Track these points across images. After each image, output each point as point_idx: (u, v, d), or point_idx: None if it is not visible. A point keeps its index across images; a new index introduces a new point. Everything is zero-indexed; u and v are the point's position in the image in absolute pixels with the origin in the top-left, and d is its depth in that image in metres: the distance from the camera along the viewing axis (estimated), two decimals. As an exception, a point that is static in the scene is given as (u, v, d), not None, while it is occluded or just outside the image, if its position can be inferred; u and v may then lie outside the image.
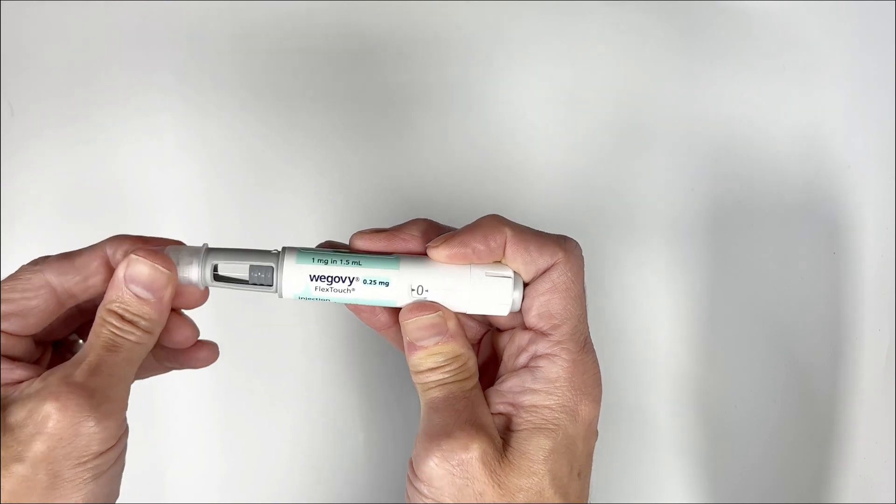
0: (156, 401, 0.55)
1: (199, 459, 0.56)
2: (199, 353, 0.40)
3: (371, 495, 0.56)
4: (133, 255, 0.35)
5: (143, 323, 0.35)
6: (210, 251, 0.36)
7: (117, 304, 0.35)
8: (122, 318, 0.35)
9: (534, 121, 0.57)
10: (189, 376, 0.54)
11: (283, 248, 0.36)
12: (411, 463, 0.35)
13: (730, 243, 0.57)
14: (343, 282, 0.35)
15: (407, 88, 0.56)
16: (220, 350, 0.41)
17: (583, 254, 0.36)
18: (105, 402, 0.34)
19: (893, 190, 0.58)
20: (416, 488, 0.34)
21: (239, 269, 0.36)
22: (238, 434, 0.56)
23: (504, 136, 0.57)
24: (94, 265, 0.36)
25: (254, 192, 0.56)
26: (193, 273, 0.36)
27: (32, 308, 0.36)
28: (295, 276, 0.35)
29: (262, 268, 0.36)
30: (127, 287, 0.35)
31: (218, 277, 0.36)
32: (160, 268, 0.35)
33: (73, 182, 0.55)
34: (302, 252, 0.36)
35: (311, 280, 0.35)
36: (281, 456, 0.56)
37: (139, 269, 0.35)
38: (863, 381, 0.58)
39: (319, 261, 0.35)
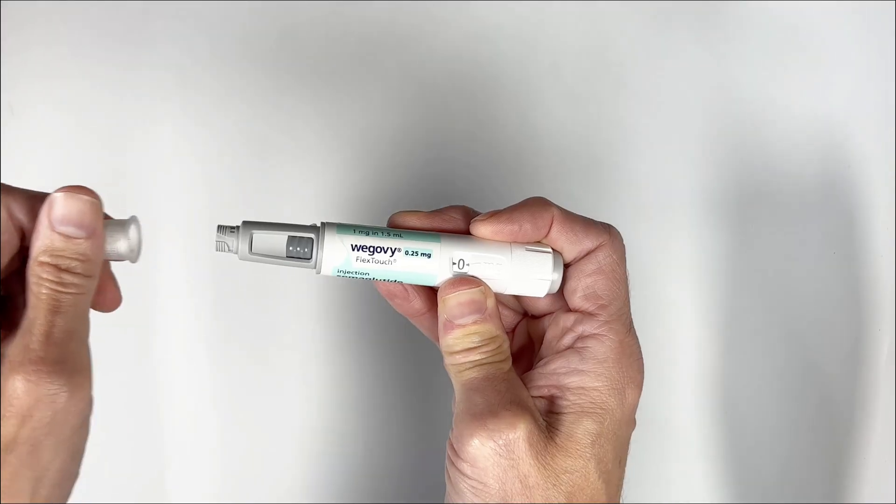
0: (156, 401, 0.54)
1: (200, 459, 0.55)
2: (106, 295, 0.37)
3: (371, 495, 0.56)
4: (54, 193, 0.32)
5: (80, 266, 0.33)
6: (247, 223, 0.35)
7: (48, 255, 0.32)
8: (57, 268, 0.32)
9: (550, 113, 0.57)
10: (189, 376, 0.55)
11: (323, 223, 0.35)
12: (451, 443, 0.34)
13: (740, 239, 0.58)
14: (385, 252, 0.35)
15: (423, 70, 0.57)
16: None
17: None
18: (74, 371, 0.32)
19: (894, 188, 0.58)
20: (458, 468, 0.33)
21: (274, 244, 0.35)
22: (238, 434, 0.56)
23: (519, 122, 0.57)
24: None
25: (264, 187, 0.56)
26: (230, 244, 0.35)
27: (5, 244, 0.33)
28: (336, 247, 0.34)
29: (302, 240, 0.35)
30: (55, 230, 0.32)
31: (253, 252, 0.35)
32: (87, 197, 0.33)
33: (73, 179, 0.53)
34: (342, 225, 0.35)
35: (353, 250, 0.34)
36: (281, 456, 0.56)
37: (68, 204, 0.32)
38: (870, 381, 0.58)
39: (360, 232, 0.35)
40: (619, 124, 0.57)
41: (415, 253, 0.35)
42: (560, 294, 0.36)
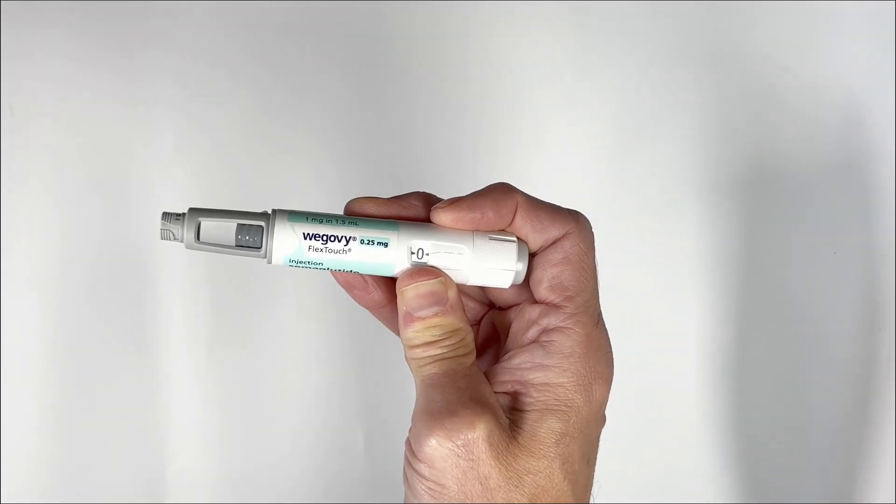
0: (156, 401, 0.55)
1: (199, 459, 0.55)
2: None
3: (371, 495, 0.56)
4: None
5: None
6: (194, 210, 0.33)
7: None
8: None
9: (550, 96, 0.56)
10: (189, 376, 0.55)
11: (274, 210, 0.33)
12: (409, 443, 0.33)
13: (746, 235, 0.57)
14: (339, 241, 0.33)
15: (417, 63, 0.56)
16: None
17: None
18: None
19: (894, 188, 0.57)
20: (415, 469, 0.32)
21: (223, 232, 0.33)
22: (238, 434, 0.56)
23: (511, 100, 0.56)
24: None
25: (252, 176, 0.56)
26: (175, 232, 0.33)
27: None
28: (287, 235, 0.33)
29: (251, 228, 0.33)
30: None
31: (200, 240, 0.33)
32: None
33: (73, 179, 0.55)
34: (294, 212, 0.33)
35: (305, 239, 0.33)
36: (281, 456, 0.56)
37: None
38: (870, 381, 0.58)
39: (313, 220, 0.33)
40: (624, 118, 0.56)
41: (371, 242, 0.33)
42: (526, 285, 0.35)
